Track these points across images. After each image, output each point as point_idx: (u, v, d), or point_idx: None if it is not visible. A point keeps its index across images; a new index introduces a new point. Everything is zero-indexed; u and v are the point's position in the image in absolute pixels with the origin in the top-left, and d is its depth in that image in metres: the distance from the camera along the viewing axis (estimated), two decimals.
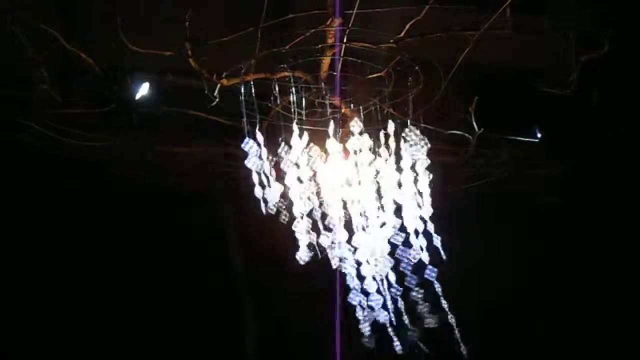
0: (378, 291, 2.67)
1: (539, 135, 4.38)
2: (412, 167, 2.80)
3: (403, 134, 2.77)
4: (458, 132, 3.78)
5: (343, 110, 3.00)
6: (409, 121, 2.80)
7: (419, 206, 2.78)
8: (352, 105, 3.00)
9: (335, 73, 2.91)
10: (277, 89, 2.90)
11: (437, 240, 2.74)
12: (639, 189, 5.24)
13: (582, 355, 5.46)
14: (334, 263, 2.66)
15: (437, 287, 2.73)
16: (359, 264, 2.65)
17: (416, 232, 2.75)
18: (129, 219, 5.21)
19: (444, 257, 2.75)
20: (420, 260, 2.76)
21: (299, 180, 2.68)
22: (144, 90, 3.75)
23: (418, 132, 2.76)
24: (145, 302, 5.21)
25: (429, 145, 2.75)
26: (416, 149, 2.74)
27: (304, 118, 2.81)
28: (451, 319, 2.72)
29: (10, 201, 4.89)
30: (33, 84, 3.58)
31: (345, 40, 2.76)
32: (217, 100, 3.15)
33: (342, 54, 2.82)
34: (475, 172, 4.74)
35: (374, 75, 2.97)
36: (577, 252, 5.55)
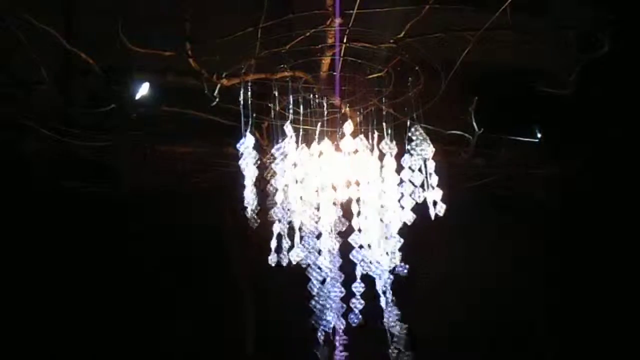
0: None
1: (538, 135, 4.39)
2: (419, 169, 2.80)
3: (409, 134, 2.77)
4: (458, 132, 3.78)
5: (343, 111, 3.00)
6: (408, 121, 2.80)
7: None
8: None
9: (335, 73, 2.91)
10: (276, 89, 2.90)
11: (398, 244, 2.73)
12: (638, 188, 5.23)
13: (582, 355, 5.46)
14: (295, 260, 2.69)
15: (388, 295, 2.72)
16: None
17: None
18: (129, 219, 5.21)
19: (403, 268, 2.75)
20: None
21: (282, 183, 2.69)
22: (143, 90, 3.74)
23: (422, 131, 2.77)
24: (145, 302, 5.21)
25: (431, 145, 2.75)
26: (422, 148, 2.74)
27: (303, 118, 2.81)
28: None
29: (9, 202, 4.88)
30: (33, 84, 3.58)
31: (345, 40, 2.76)
32: (217, 100, 3.15)
33: (342, 54, 2.82)
34: (475, 172, 4.73)
35: (374, 75, 2.97)
36: (577, 252, 5.55)
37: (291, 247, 2.70)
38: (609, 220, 5.44)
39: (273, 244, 2.71)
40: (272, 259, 2.71)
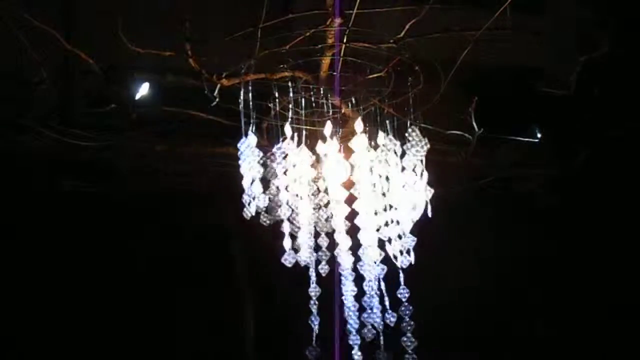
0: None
1: (538, 135, 4.39)
2: (413, 169, 2.79)
3: (406, 134, 2.77)
4: (458, 132, 3.78)
5: (343, 111, 3.00)
6: (408, 121, 2.79)
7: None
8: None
9: (335, 73, 2.91)
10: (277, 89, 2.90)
11: (412, 242, 2.72)
12: (638, 188, 5.23)
13: (581, 354, 5.46)
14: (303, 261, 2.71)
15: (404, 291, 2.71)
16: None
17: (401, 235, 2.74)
18: (129, 219, 5.21)
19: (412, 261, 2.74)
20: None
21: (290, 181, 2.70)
22: (143, 90, 3.75)
23: (418, 132, 2.76)
24: (145, 303, 5.20)
25: (428, 146, 2.74)
26: (417, 149, 2.73)
27: (303, 118, 2.81)
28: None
29: (9, 202, 4.88)
30: (33, 84, 3.59)
31: (345, 40, 2.76)
32: (217, 100, 3.15)
33: (342, 54, 2.81)
34: (475, 172, 4.74)
35: (374, 75, 2.97)
36: (577, 252, 5.55)
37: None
38: (609, 220, 5.44)
39: (287, 244, 2.71)
40: (288, 258, 2.71)
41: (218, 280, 5.44)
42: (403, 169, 2.73)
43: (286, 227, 2.70)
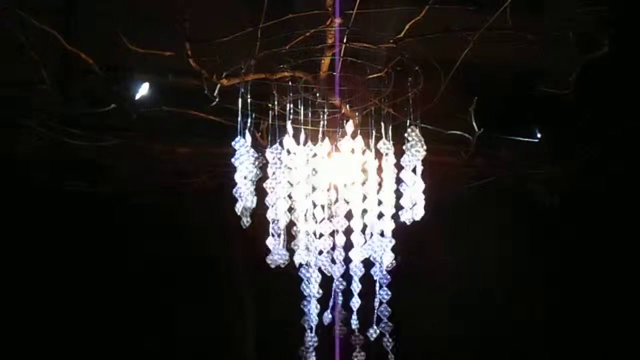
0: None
1: (538, 135, 4.39)
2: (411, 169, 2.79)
3: (405, 134, 2.77)
4: (458, 132, 3.79)
5: (343, 111, 3.00)
6: (408, 122, 2.80)
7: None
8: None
9: (335, 73, 2.91)
10: (276, 89, 2.90)
11: (390, 244, 2.74)
12: (638, 189, 5.23)
13: (581, 355, 5.46)
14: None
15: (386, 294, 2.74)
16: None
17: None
18: (128, 219, 5.21)
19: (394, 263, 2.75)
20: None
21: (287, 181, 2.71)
22: (143, 90, 3.75)
23: (418, 132, 2.77)
24: (144, 303, 5.21)
25: (425, 147, 2.75)
26: (416, 149, 2.74)
27: (301, 118, 2.82)
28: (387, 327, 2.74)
29: (8, 203, 4.88)
30: (33, 84, 3.58)
31: (345, 40, 2.76)
32: (217, 100, 3.15)
33: (342, 54, 2.82)
34: (475, 172, 4.73)
35: (374, 76, 2.97)
36: (577, 252, 5.55)
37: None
38: (610, 221, 5.43)
39: (271, 243, 2.73)
40: (274, 259, 2.73)
41: (218, 280, 5.44)
42: (401, 168, 2.74)
43: (274, 228, 2.72)
